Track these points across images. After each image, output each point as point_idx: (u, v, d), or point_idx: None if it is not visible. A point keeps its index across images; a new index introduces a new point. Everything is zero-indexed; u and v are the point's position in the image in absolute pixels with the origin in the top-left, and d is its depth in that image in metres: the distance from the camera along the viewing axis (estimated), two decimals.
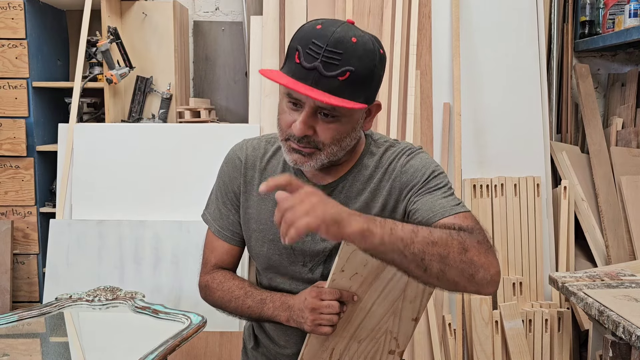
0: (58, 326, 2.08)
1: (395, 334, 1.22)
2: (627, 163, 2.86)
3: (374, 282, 1.16)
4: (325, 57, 1.10)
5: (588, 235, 2.79)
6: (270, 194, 1.27)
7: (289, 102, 1.18)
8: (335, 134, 1.17)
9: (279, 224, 0.99)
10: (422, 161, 1.26)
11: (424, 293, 1.18)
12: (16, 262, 2.89)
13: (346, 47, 1.10)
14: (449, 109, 2.77)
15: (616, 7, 2.88)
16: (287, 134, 1.19)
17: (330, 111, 1.15)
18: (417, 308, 1.20)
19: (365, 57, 1.12)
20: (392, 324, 1.21)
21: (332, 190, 1.28)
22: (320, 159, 1.20)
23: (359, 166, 1.29)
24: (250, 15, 2.99)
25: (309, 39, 1.12)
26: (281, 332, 1.35)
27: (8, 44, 2.82)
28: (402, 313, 1.19)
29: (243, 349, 1.51)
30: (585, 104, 3.01)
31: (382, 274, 1.15)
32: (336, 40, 1.10)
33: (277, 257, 1.31)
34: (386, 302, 1.18)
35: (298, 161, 1.20)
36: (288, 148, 1.21)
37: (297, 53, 1.13)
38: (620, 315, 1.59)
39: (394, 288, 1.17)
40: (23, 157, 2.87)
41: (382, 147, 1.30)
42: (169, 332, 1.88)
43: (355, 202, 1.27)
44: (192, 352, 2.49)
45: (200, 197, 1.52)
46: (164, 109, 2.99)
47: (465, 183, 2.71)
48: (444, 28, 2.79)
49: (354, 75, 1.11)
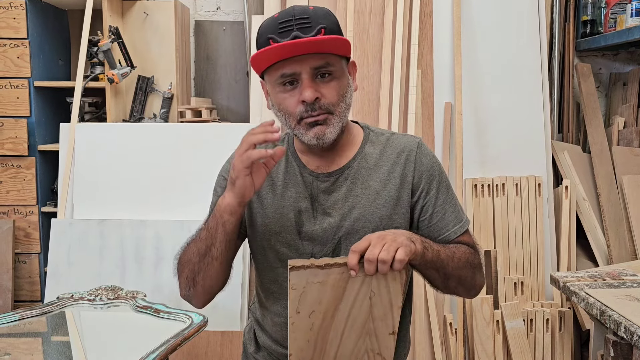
0: (59, 325, 2.08)
1: (377, 350, 1.20)
2: (628, 162, 2.86)
3: (335, 314, 1.15)
4: (299, 24, 1.18)
5: (589, 235, 2.78)
6: (275, 188, 1.31)
7: (284, 85, 1.22)
8: (338, 91, 1.23)
9: (374, 259, 1.09)
10: (430, 160, 1.33)
11: (392, 308, 1.17)
12: (18, 262, 2.89)
13: (310, 13, 1.21)
14: (451, 108, 2.76)
15: (618, 7, 2.88)
16: (298, 113, 1.22)
17: (326, 68, 1.21)
18: (390, 323, 1.18)
19: (327, 16, 1.23)
20: (370, 343, 1.19)
21: (337, 178, 1.30)
22: (334, 123, 1.24)
23: (362, 153, 1.32)
24: (252, 14, 3.00)
25: (275, 24, 1.20)
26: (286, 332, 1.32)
27: (10, 44, 2.82)
28: (377, 331, 1.18)
29: (243, 353, 1.49)
30: (587, 104, 3.01)
31: (341, 304, 1.14)
32: (299, 11, 1.20)
33: (285, 249, 1.31)
34: (356, 326, 1.17)
35: (319, 133, 1.23)
36: (304, 127, 1.23)
37: (271, 40, 1.19)
38: (621, 315, 1.59)
39: (360, 313, 1.16)
40: (25, 156, 2.87)
41: (383, 137, 1.35)
42: (170, 332, 1.88)
43: (363, 188, 1.29)
44: (193, 352, 2.49)
45: (201, 197, 1.52)
46: (165, 108, 2.99)
47: (467, 183, 2.71)
48: (446, 27, 2.78)
49: (328, 31, 1.20)
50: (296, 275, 1.10)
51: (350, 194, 1.29)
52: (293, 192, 1.31)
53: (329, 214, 1.29)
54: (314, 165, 1.31)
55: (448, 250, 1.23)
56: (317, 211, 1.29)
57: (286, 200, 1.30)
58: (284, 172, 1.32)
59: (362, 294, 1.13)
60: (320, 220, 1.28)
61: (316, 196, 1.30)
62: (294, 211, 1.29)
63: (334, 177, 1.30)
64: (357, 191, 1.29)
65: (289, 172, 1.32)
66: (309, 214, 1.29)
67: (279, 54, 1.18)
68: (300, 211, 1.29)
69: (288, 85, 1.22)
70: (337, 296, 1.13)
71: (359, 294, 1.13)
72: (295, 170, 1.32)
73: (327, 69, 1.21)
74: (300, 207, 1.29)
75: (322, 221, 1.28)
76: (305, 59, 1.19)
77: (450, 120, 2.76)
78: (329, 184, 1.30)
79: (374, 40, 2.77)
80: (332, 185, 1.30)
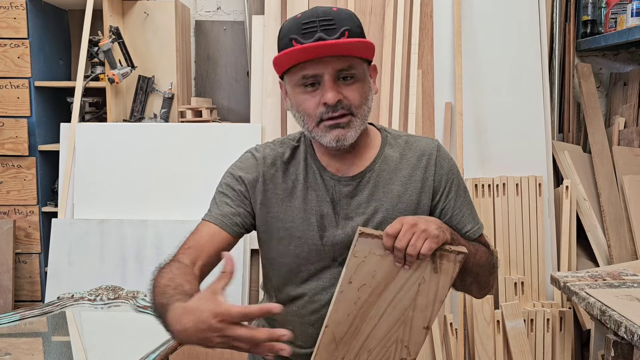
0: (60, 325, 2.08)
1: (406, 342, 1.20)
2: (629, 162, 2.86)
3: (383, 293, 1.14)
4: (323, 25, 1.17)
5: (590, 235, 2.78)
6: (296, 191, 1.29)
7: (305, 86, 1.21)
8: (361, 93, 1.23)
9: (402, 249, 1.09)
10: (449, 163, 1.34)
11: (435, 301, 1.16)
12: (18, 262, 2.89)
13: (334, 14, 1.19)
14: (451, 108, 2.76)
15: (618, 7, 2.88)
16: (318, 114, 1.21)
17: (349, 71, 1.20)
18: (428, 317, 1.18)
19: (351, 18, 1.22)
20: (402, 332, 1.19)
21: (359, 181, 1.29)
22: (356, 125, 1.23)
23: (382, 156, 1.31)
24: (252, 14, 3.00)
25: (298, 25, 1.19)
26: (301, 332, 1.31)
27: (10, 44, 2.82)
28: (413, 322, 1.18)
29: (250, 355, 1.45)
30: (587, 104, 3.00)
31: (391, 284, 1.14)
32: (323, 12, 1.19)
33: (306, 254, 1.29)
34: (396, 311, 1.16)
35: (340, 136, 1.22)
36: (324, 129, 1.22)
37: (294, 40, 1.18)
38: (622, 315, 1.59)
39: (404, 297, 1.15)
40: (25, 156, 2.87)
41: (401, 139, 1.35)
42: None
43: (385, 191, 1.28)
44: (194, 352, 2.49)
45: (202, 197, 1.51)
46: (166, 108, 2.99)
47: (467, 182, 2.71)
48: (446, 27, 2.78)
49: (352, 34, 1.19)
50: (362, 243, 1.11)
51: (372, 197, 1.28)
52: (314, 196, 1.29)
53: (352, 218, 1.28)
54: (334, 168, 1.30)
55: (472, 247, 1.25)
56: (339, 215, 1.28)
57: (307, 204, 1.28)
58: (304, 175, 1.30)
59: (414, 278, 1.14)
60: (343, 225, 1.27)
61: (338, 200, 1.28)
62: (315, 215, 1.28)
63: (356, 181, 1.29)
64: (380, 195, 1.28)
65: (308, 174, 1.30)
66: (330, 218, 1.28)
67: (302, 55, 1.17)
68: (322, 215, 1.28)
69: (309, 86, 1.21)
70: (391, 274, 1.13)
71: (410, 277, 1.14)
72: (316, 173, 1.30)
73: (350, 72, 1.20)
74: (322, 212, 1.28)
75: (345, 226, 1.27)
76: (328, 61, 1.18)
77: (451, 120, 2.76)
78: (351, 187, 1.28)
79: (375, 40, 2.76)
80: (354, 189, 1.29)
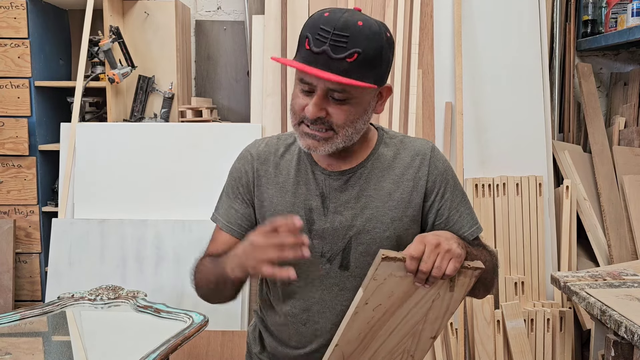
0: (60, 325, 2.09)
1: (412, 352, 1.21)
2: (629, 162, 2.86)
3: (396, 311, 1.13)
4: (333, 40, 1.14)
5: (590, 235, 2.78)
6: (286, 185, 1.31)
7: (302, 88, 1.21)
8: (348, 116, 1.20)
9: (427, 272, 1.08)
10: (444, 164, 1.34)
11: (446, 314, 1.16)
12: (18, 261, 2.89)
13: (353, 30, 1.14)
14: (451, 108, 2.76)
15: (619, 6, 2.88)
16: (300, 117, 1.22)
17: (341, 93, 1.17)
18: (436, 328, 1.18)
19: (372, 38, 1.16)
20: (410, 344, 1.19)
21: (350, 176, 1.30)
22: (336, 143, 1.22)
23: (376, 154, 1.32)
24: (252, 14, 2.99)
25: (317, 26, 1.16)
26: (294, 332, 1.33)
27: (10, 44, 2.82)
28: (422, 334, 1.18)
29: (247, 354, 1.48)
30: (588, 103, 3.00)
31: (406, 302, 1.13)
32: (343, 24, 1.14)
33: None
34: (407, 326, 1.16)
35: (311, 146, 1.22)
36: (301, 133, 1.23)
37: (307, 40, 1.17)
38: (622, 314, 1.59)
39: (417, 313, 1.14)
40: (25, 156, 2.87)
41: (396, 139, 1.35)
42: (170, 331, 1.88)
43: (376, 188, 1.29)
44: (194, 352, 2.49)
45: (202, 196, 1.52)
46: (166, 108, 2.99)
47: (467, 182, 2.71)
48: (446, 27, 2.78)
49: (362, 57, 1.15)
50: (384, 266, 1.07)
51: (362, 193, 1.29)
52: (304, 190, 1.30)
53: (340, 213, 1.28)
54: (326, 164, 1.31)
55: (480, 254, 1.26)
56: (327, 209, 1.29)
57: (297, 197, 1.30)
58: (295, 169, 1.32)
59: (429, 295, 1.12)
60: (331, 219, 1.28)
61: (327, 194, 1.29)
62: (304, 209, 1.29)
63: (347, 176, 1.30)
64: (370, 191, 1.29)
65: (300, 169, 1.32)
66: (319, 211, 1.29)
67: (300, 67, 1.17)
68: (310, 209, 1.29)
69: (306, 87, 1.21)
70: (408, 293, 1.11)
71: (426, 294, 1.12)
72: (307, 168, 1.32)
73: (342, 95, 1.18)
74: (311, 205, 1.29)
75: (333, 219, 1.28)
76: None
77: (451, 120, 2.76)
78: (341, 182, 1.30)
79: None
80: (344, 184, 1.30)
